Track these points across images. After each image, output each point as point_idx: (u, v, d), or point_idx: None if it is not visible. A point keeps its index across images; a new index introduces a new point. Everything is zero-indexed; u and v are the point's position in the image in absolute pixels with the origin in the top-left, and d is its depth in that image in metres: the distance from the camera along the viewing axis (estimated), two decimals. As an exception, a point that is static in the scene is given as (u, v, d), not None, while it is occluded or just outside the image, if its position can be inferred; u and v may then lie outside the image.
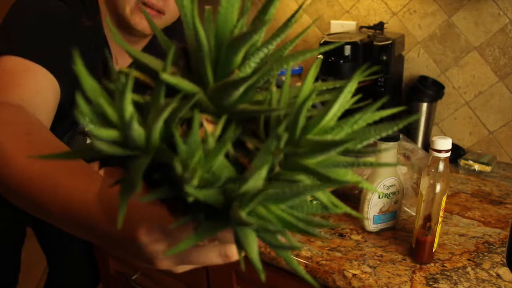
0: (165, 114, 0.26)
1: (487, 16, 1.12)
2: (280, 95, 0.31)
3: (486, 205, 0.97)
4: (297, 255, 0.80)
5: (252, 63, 0.30)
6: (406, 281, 0.72)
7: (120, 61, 0.91)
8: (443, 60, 1.21)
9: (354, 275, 0.74)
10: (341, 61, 1.04)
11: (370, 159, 0.96)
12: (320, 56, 1.06)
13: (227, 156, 0.28)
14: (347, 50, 1.04)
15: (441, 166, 0.71)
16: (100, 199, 0.37)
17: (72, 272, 1.35)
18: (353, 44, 1.04)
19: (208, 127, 0.29)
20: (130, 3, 0.79)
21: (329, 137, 0.29)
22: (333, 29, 1.34)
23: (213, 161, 0.26)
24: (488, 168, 1.11)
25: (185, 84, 0.29)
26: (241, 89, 0.28)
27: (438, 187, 0.72)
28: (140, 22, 0.80)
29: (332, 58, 1.04)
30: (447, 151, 0.70)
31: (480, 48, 1.15)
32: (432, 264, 0.76)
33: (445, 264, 0.76)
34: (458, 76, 1.20)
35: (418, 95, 1.19)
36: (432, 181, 0.72)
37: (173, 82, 0.28)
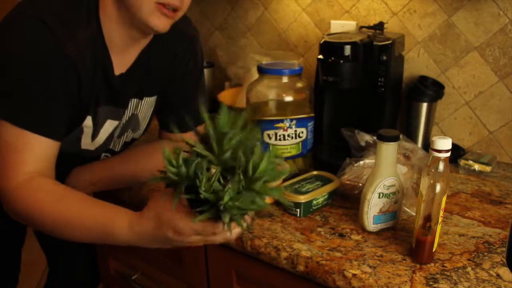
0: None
1: (487, 16, 1.12)
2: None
3: (486, 205, 0.97)
4: (297, 255, 0.80)
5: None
6: (406, 281, 0.72)
7: (120, 65, 0.91)
8: (443, 60, 1.21)
9: (354, 275, 0.74)
10: (341, 61, 1.04)
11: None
12: (321, 56, 1.06)
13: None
14: (347, 50, 1.04)
15: (441, 166, 0.71)
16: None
17: (72, 272, 1.35)
18: (353, 44, 1.04)
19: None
20: (148, 5, 0.79)
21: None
22: (333, 29, 1.34)
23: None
24: (488, 168, 1.11)
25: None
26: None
27: (438, 187, 0.72)
28: (158, 22, 0.81)
29: (332, 58, 1.04)
30: (447, 151, 0.70)
31: (480, 48, 1.15)
32: (432, 264, 0.76)
33: (445, 264, 0.76)
34: (458, 76, 1.20)
35: (418, 95, 1.19)
36: (432, 181, 0.72)
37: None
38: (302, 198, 0.91)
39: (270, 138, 1.04)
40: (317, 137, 1.14)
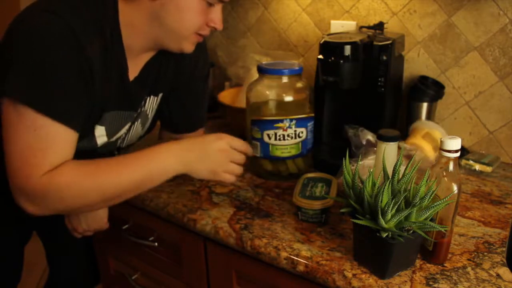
0: None
1: (487, 16, 1.12)
2: None
3: (486, 205, 0.97)
4: (297, 255, 0.80)
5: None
6: (406, 281, 0.72)
7: (133, 70, 0.91)
8: (443, 60, 1.21)
9: (354, 275, 0.74)
10: (341, 61, 1.04)
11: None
12: (321, 56, 1.06)
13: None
14: (347, 50, 1.04)
15: (452, 166, 0.71)
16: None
17: (73, 271, 1.36)
18: (353, 44, 1.04)
19: None
20: (188, 35, 0.85)
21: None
22: (333, 29, 1.34)
23: None
24: (489, 169, 1.11)
25: None
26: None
27: (455, 188, 0.71)
28: (190, 48, 0.89)
29: (332, 58, 1.04)
30: (456, 151, 0.70)
31: (480, 48, 1.15)
32: (432, 264, 0.76)
33: (445, 264, 0.76)
34: (458, 76, 1.20)
35: (418, 95, 1.19)
36: (449, 182, 0.71)
37: None
38: (327, 203, 0.88)
39: (269, 138, 1.04)
40: (317, 137, 1.14)
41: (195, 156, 0.88)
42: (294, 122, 1.03)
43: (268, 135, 1.04)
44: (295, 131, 1.04)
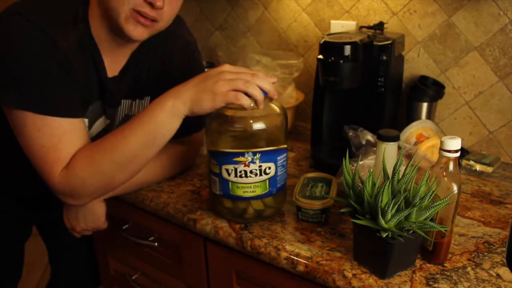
0: None
1: (487, 16, 1.12)
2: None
3: (486, 205, 0.97)
4: (297, 255, 0.80)
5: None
6: (406, 281, 0.72)
7: (112, 67, 0.91)
8: (443, 60, 1.21)
9: (354, 275, 0.74)
10: (341, 61, 1.03)
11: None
12: (321, 56, 1.06)
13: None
14: (347, 50, 1.03)
15: (452, 166, 0.71)
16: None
17: (74, 272, 1.36)
18: (353, 44, 1.04)
19: None
20: (125, 11, 0.80)
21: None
22: (333, 29, 1.34)
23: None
24: (490, 169, 1.10)
25: None
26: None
27: (455, 188, 0.71)
28: (134, 30, 0.82)
29: (332, 58, 1.04)
30: (456, 151, 0.70)
31: (480, 48, 1.15)
32: (432, 264, 0.76)
33: (445, 264, 0.76)
34: (458, 76, 1.20)
35: (418, 95, 1.19)
36: (449, 182, 0.71)
37: None
38: (327, 203, 0.87)
39: (229, 174, 0.84)
40: (317, 137, 1.14)
41: (193, 86, 0.79)
42: (258, 156, 0.83)
43: (227, 170, 0.84)
44: (260, 166, 0.84)
